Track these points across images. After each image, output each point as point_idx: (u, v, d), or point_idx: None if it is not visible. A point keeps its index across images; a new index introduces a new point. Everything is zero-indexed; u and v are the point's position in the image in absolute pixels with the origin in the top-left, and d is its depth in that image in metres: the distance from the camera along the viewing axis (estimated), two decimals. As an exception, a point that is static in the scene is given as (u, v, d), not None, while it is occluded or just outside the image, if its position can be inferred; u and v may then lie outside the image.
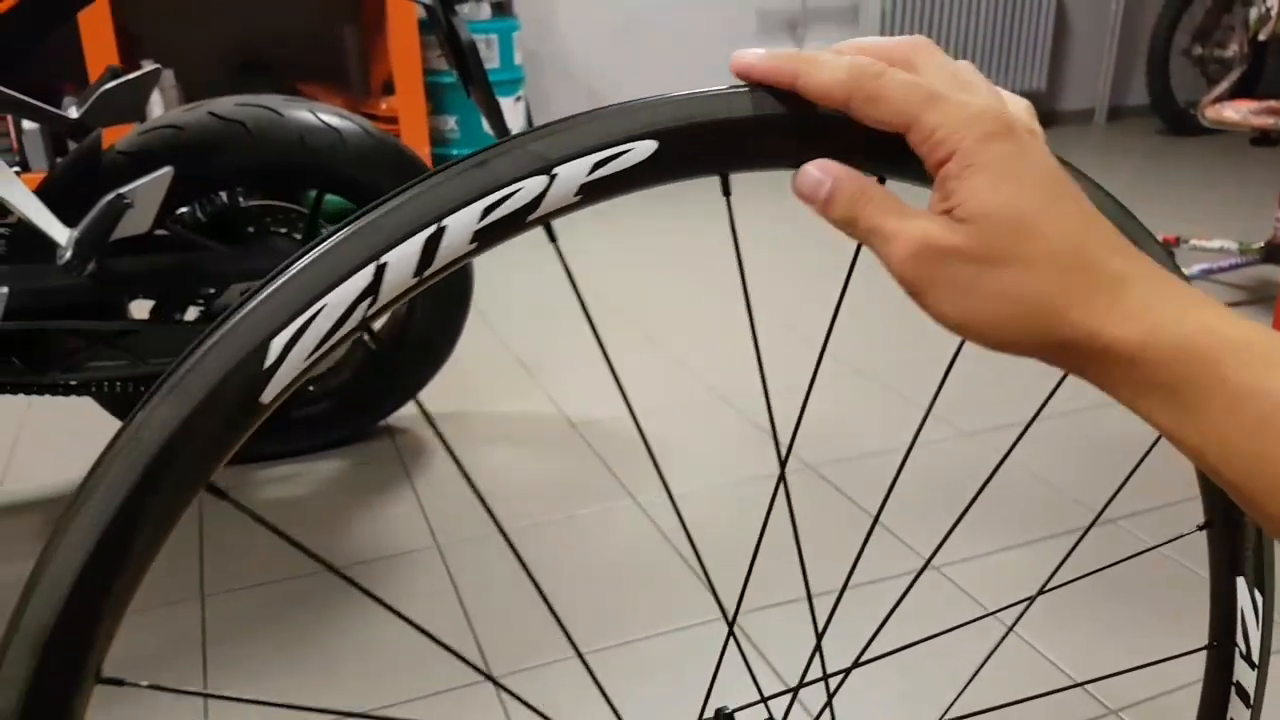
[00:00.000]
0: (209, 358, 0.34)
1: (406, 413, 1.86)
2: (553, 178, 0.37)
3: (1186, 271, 2.40)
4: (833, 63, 0.38)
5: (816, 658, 0.70)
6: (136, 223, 1.34)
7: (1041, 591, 0.57)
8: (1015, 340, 0.38)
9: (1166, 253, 1.91)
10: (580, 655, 0.46)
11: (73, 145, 1.50)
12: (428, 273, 0.36)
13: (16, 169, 1.48)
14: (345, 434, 1.78)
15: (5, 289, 1.30)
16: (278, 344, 0.34)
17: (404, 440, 1.80)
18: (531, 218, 0.37)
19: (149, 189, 1.33)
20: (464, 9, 3.32)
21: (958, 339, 0.40)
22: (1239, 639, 0.58)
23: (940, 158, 0.37)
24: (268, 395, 0.35)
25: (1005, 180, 0.37)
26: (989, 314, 0.37)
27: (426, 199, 0.36)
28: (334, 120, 1.54)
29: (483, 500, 0.43)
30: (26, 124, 2.85)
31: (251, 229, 1.59)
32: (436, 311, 1.71)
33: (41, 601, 0.33)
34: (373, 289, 0.35)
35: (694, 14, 4.01)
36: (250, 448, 1.72)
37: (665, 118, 0.38)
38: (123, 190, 1.31)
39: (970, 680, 0.95)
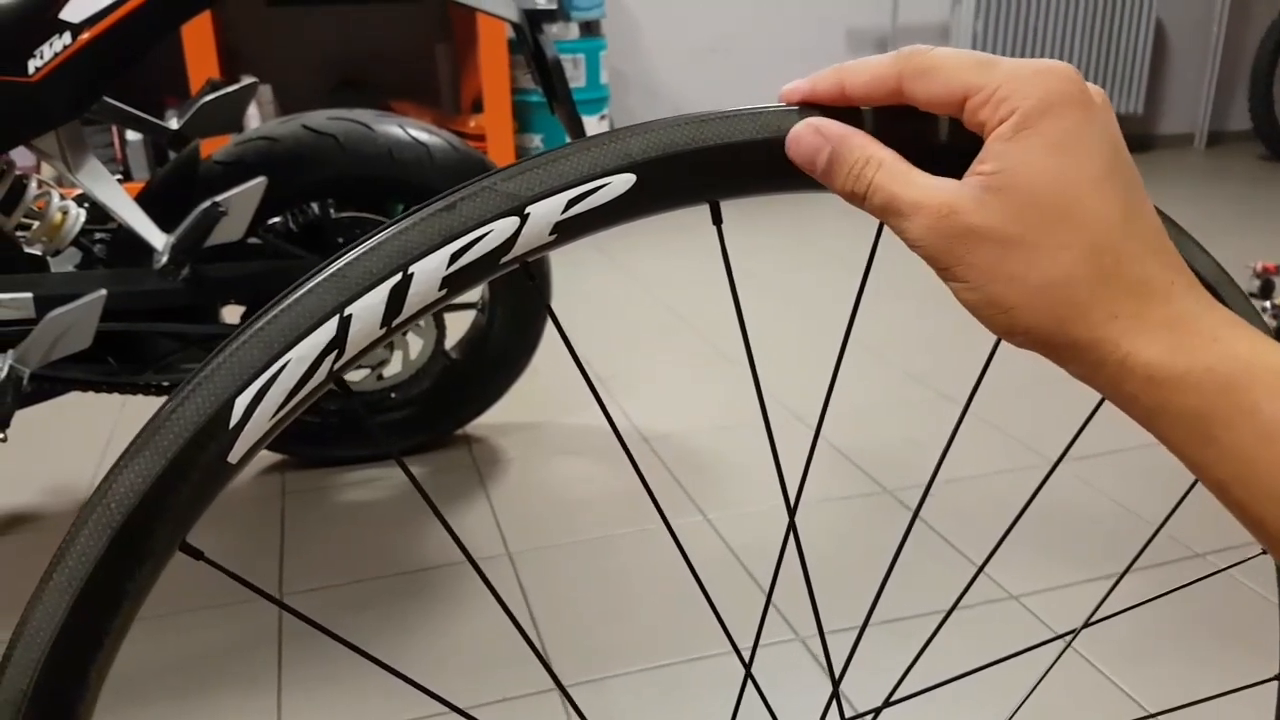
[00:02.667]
0: (173, 420, 0.33)
1: (483, 421, 1.89)
2: (525, 218, 0.36)
3: (1287, 301, 2.31)
4: (875, 56, 0.37)
5: (894, 686, 0.69)
6: (230, 230, 1.38)
7: (1087, 624, 0.55)
8: (1027, 330, 0.35)
9: (1267, 282, 1.87)
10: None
11: (173, 155, 1.56)
12: (396, 322, 0.35)
13: (119, 177, 1.55)
14: (424, 440, 1.81)
15: (104, 291, 1.36)
16: (241, 403, 0.33)
17: (480, 449, 1.82)
18: (505, 259, 0.36)
19: (243, 198, 1.38)
20: (552, 29, 3.37)
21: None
22: None
23: (1002, 116, 0.34)
24: (235, 455, 0.34)
25: (1060, 152, 0.33)
26: (1006, 299, 0.34)
27: (390, 246, 0.35)
28: (422, 135, 1.58)
29: (451, 530, 0.43)
30: (130, 134, 2.97)
31: (341, 239, 1.63)
32: (515, 323, 1.74)
33: (18, 669, 0.33)
34: (338, 342, 0.34)
35: (781, 33, 4.01)
36: (332, 452, 1.76)
37: (640, 149, 0.36)
38: (218, 199, 1.36)
39: (1025, 700, 0.92)
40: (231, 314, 1.64)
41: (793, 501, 0.55)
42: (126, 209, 1.39)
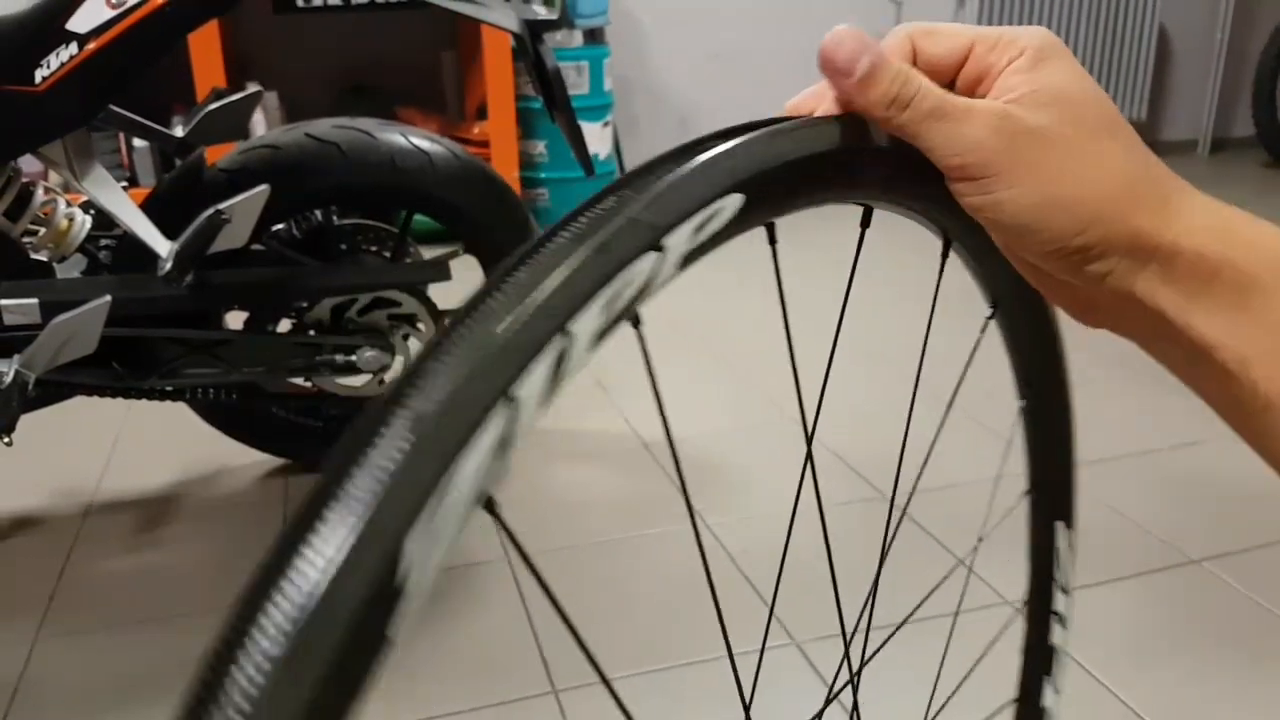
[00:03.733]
0: (332, 589, 0.22)
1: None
2: (662, 251, 0.30)
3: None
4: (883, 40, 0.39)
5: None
6: (233, 237, 1.40)
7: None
8: (1091, 223, 0.35)
9: None
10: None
11: (179, 162, 1.58)
12: (550, 399, 0.28)
13: (124, 184, 1.56)
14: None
15: (109, 297, 1.37)
16: (412, 547, 0.23)
17: (481, 455, 1.84)
18: (641, 300, 0.31)
19: (246, 205, 1.39)
20: (556, 36, 3.39)
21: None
22: None
23: (1012, 55, 0.36)
24: (396, 628, 0.23)
25: (1086, 81, 0.36)
26: (1070, 196, 0.35)
27: (556, 303, 0.27)
28: (424, 144, 1.59)
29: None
30: (137, 141, 3.00)
31: (344, 246, 1.64)
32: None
33: None
34: (507, 440, 0.26)
35: (785, 39, 4.03)
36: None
37: (744, 166, 0.33)
38: (221, 206, 1.37)
39: (972, 669, 0.93)
40: (235, 320, 1.65)
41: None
42: (131, 216, 1.41)
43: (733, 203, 0.33)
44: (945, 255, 0.45)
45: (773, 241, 0.39)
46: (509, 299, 0.27)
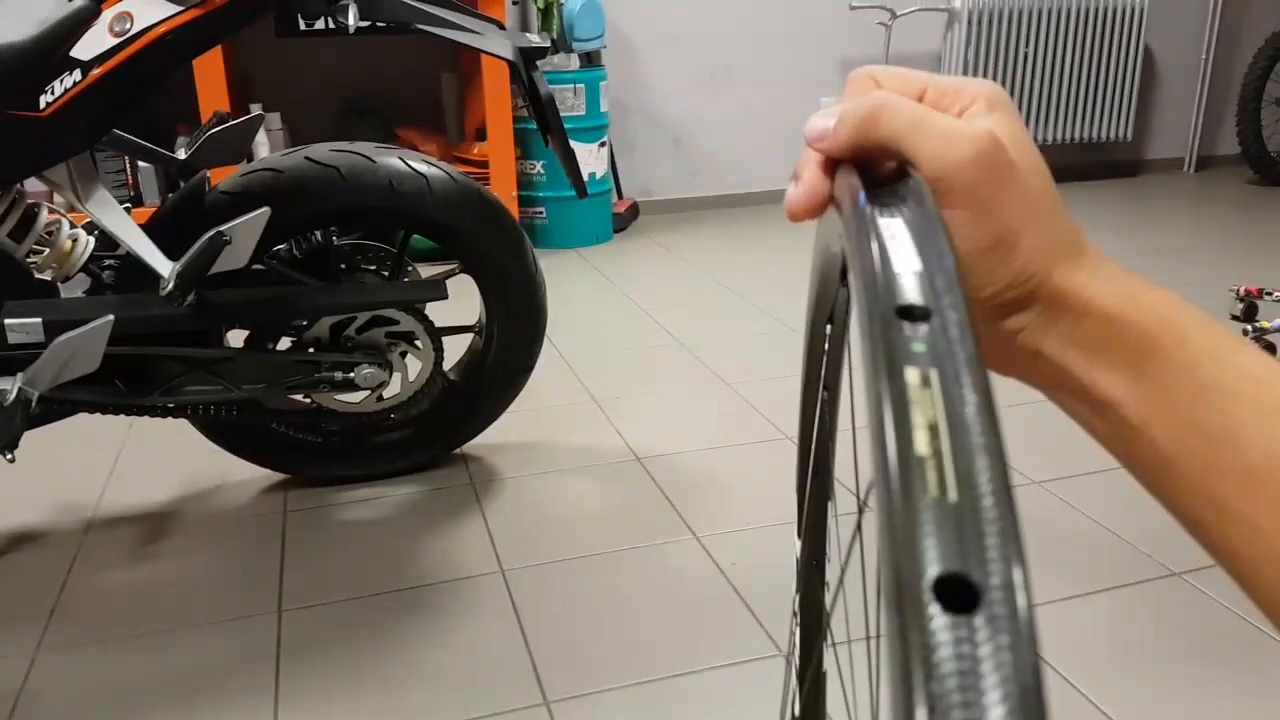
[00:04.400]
0: None
1: (480, 440, 1.93)
2: None
3: (1268, 324, 2.36)
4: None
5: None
6: (234, 258, 1.43)
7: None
8: (1017, 275, 0.37)
9: (1250, 305, 1.94)
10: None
11: (182, 184, 1.61)
12: None
13: (127, 205, 1.60)
14: (422, 460, 1.86)
15: (111, 316, 1.41)
16: None
17: (477, 467, 1.87)
18: None
19: (247, 227, 1.43)
20: (554, 59, 3.44)
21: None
22: None
23: (964, 103, 0.38)
24: None
25: (1026, 132, 0.38)
26: (1014, 245, 0.37)
27: None
28: (422, 167, 1.63)
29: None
30: (141, 163, 3.04)
31: (343, 266, 1.68)
32: (511, 346, 1.78)
33: None
34: None
35: (779, 63, 4.08)
36: (333, 471, 1.81)
37: None
38: (222, 228, 1.41)
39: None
40: (236, 338, 1.69)
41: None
42: (134, 237, 1.44)
43: None
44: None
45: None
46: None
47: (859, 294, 0.28)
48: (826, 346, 0.57)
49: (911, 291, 0.27)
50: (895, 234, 0.30)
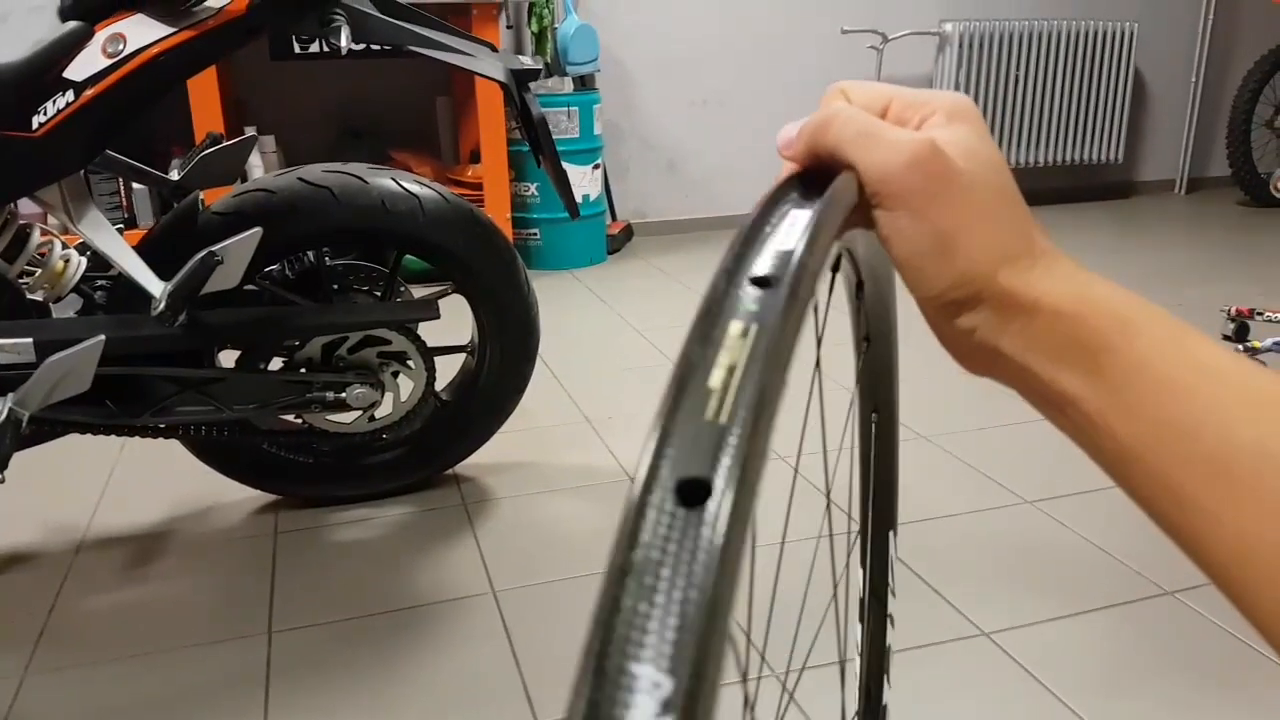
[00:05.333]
0: None
1: (473, 461, 1.93)
2: None
3: (1259, 344, 2.36)
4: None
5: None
6: (226, 278, 1.44)
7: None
8: (959, 276, 0.39)
9: (1242, 326, 1.96)
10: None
11: (176, 205, 1.62)
12: None
13: (119, 226, 1.60)
14: (415, 480, 1.85)
15: (103, 336, 1.41)
16: None
17: (469, 488, 1.86)
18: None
19: (238, 247, 1.43)
20: (548, 83, 3.46)
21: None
22: None
23: (925, 115, 0.40)
24: None
25: (989, 145, 0.39)
26: (955, 241, 0.38)
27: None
28: (414, 188, 1.63)
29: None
30: (135, 184, 3.04)
31: (336, 286, 1.68)
32: (504, 366, 1.79)
33: None
34: None
35: (770, 88, 4.11)
36: (324, 491, 1.81)
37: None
38: (214, 248, 1.41)
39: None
40: (228, 359, 1.69)
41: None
42: (125, 257, 1.45)
43: None
44: (834, 279, 0.49)
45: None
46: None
47: (728, 259, 0.32)
48: (860, 364, 0.57)
49: (766, 265, 0.31)
50: (796, 221, 0.34)
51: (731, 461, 0.24)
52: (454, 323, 1.86)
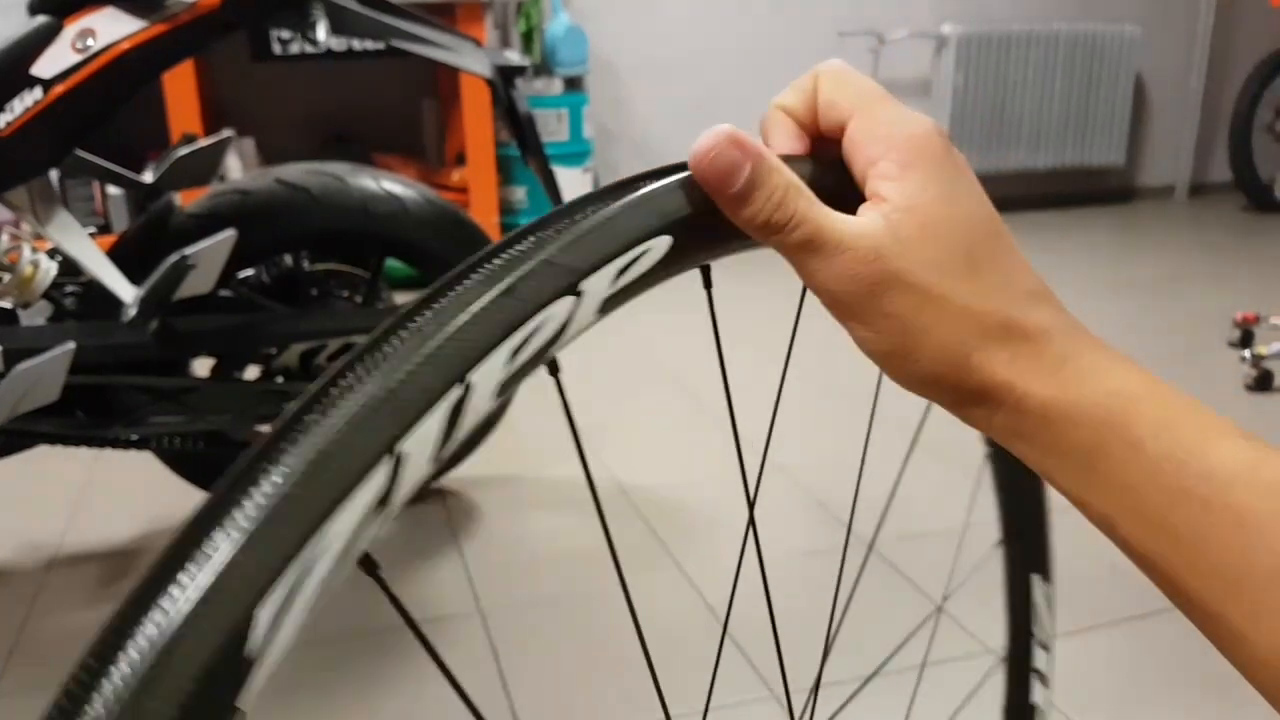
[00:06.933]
0: (174, 647, 0.22)
1: (458, 475, 1.87)
2: (579, 295, 0.29)
3: (1265, 350, 2.31)
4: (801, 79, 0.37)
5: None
6: (199, 283, 1.38)
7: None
8: (930, 378, 0.35)
9: (1247, 332, 1.91)
10: None
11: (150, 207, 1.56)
12: (444, 452, 0.27)
13: (92, 231, 1.54)
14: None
15: (72, 344, 1.35)
16: (265, 614, 0.23)
17: (454, 503, 1.80)
18: (554, 349, 0.29)
19: (212, 251, 1.37)
20: (536, 84, 3.41)
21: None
22: None
23: (875, 155, 0.34)
24: (246, 700, 0.24)
25: (956, 199, 0.34)
26: (914, 349, 0.34)
27: (450, 351, 0.26)
28: (396, 189, 1.58)
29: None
30: (111, 188, 2.99)
31: (314, 291, 1.62)
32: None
33: None
34: (386, 497, 0.26)
35: (763, 89, 4.06)
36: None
37: (675, 207, 0.32)
38: (186, 252, 1.35)
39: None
40: (202, 367, 1.63)
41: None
42: (96, 262, 1.39)
43: (660, 245, 0.31)
44: (803, 297, 0.44)
45: (708, 285, 0.37)
46: (405, 346, 0.26)
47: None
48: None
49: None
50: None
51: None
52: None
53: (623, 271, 0.30)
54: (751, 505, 0.43)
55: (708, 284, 0.37)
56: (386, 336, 0.26)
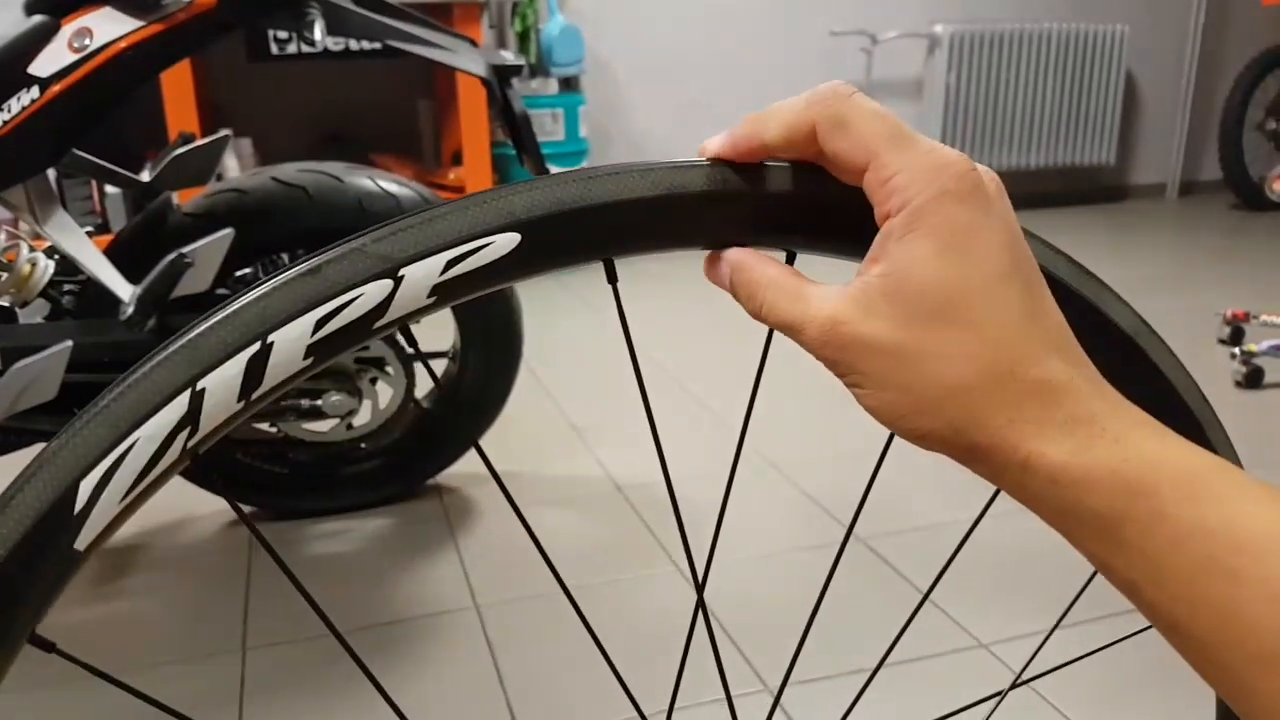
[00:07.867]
0: (13, 506, 0.32)
1: (455, 471, 1.88)
2: (399, 280, 0.34)
3: (1255, 347, 2.33)
4: (790, 101, 0.36)
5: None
6: (196, 281, 1.39)
7: (1015, 685, 0.55)
8: (925, 435, 0.34)
9: (1237, 329, 1.94)
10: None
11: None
12: (256, 394, 0.33)
13: (89, 229, 1.55)
14: (394, 491, 1.80)
15: (70, 342, 1.35)
16: (87, 486, 0.32)
17: (451, 499, 1.81)
18: (380, 324, 0.34)
19: (209, 249, 1.38)
20: (532, 84, 3.42)
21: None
22: None
23: (890, 209, 0.33)
24: (82, 541, 0.32)
25: (951, 255, 0.32)
26: (899, 407, 0.34)
27: (248, 314, 0.33)
28: (392, 187, 1.59)
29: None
30: (109, 187, 2.99)
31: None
32: (486, 371, 1.74)
33: None
34: (191, 418, 0.32)
35: (759, 90, 4.07)
36: (301, 503, 1.75)
37: (524, 207, 0.35)
38: (184, 250, 1.36)
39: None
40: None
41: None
42: (93, 261, 1.40)
43: (505, 241, 0.35)
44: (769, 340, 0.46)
45: (612, 280, 0.40)
46: (224, 312, 0.33)
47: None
48: None
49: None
50: None
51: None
52: (435, 328, 1.82)
53: (454, 262, 0.34)
54: (727, 491, 0.43)
55: (611, 279, 0.40)
56: (207, 314, 0.34)
